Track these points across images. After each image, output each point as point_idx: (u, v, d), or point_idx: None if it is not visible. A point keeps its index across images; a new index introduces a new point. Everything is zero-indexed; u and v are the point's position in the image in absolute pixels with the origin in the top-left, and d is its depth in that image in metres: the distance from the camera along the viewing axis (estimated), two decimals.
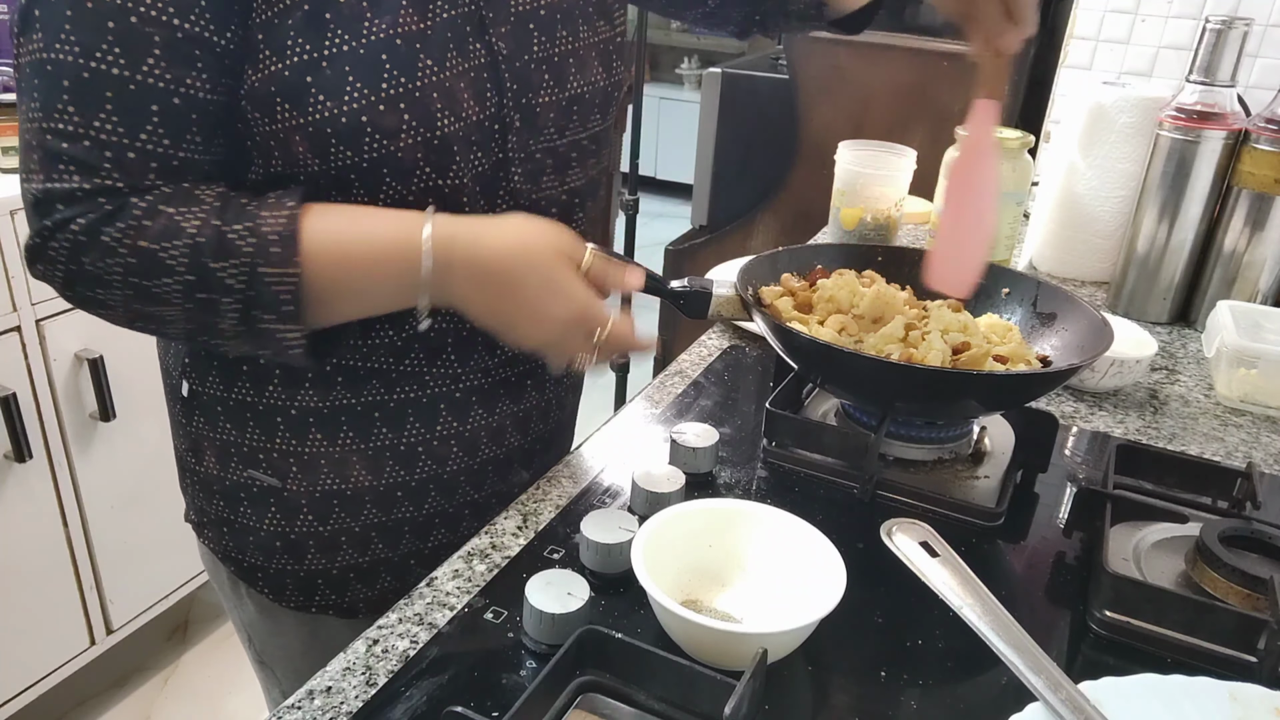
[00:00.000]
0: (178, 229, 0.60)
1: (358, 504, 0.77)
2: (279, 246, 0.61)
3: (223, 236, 0.60)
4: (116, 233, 0.60)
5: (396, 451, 0.76)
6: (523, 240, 0.66)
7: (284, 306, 0.62)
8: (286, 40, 0.62)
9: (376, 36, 0.63)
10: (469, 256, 0.65)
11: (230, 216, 0.61)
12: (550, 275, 0.66)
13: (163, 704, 1.88)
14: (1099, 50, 1.53)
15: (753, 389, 0.95)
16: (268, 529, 0.78)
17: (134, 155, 0.60)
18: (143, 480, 1.76)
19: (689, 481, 0.73)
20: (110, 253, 0.60)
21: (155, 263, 0.60)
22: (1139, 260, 1.19)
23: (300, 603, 0.81)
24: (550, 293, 0.66)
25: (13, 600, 1.59)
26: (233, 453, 0.76)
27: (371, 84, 0.63)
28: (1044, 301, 0.86)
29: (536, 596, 0.57)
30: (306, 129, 0.63)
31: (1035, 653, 0.53)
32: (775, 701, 0.55)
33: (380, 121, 0.64)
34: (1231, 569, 0.63)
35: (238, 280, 0.61)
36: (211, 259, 0.60)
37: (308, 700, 0.55)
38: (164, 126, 0.60)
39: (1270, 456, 0.89)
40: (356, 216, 0.66)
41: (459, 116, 0.68)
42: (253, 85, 0.63)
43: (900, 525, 0.63)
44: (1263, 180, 1.10)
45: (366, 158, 0.65)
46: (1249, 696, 0.53)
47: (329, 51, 0.62)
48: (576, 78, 0.76)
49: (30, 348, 1.53)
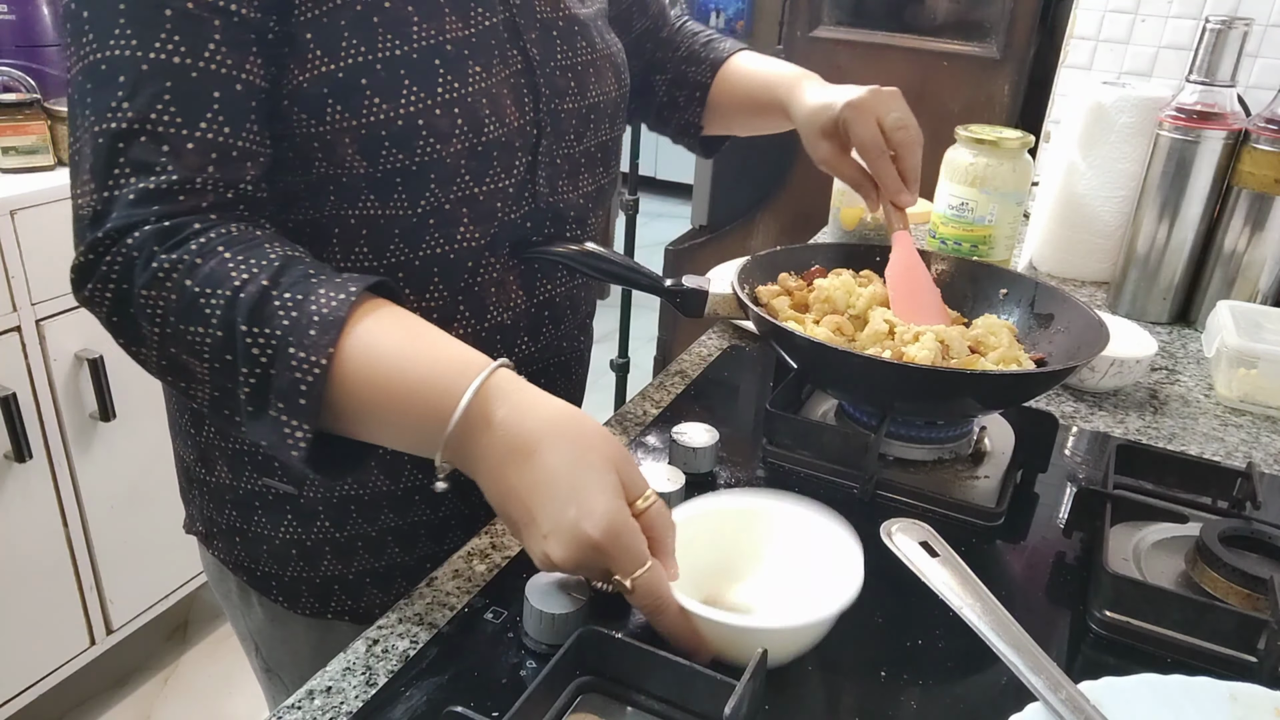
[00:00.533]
0: (225, 277, 0.55)
1: (375, 508, 0.77)
2: (317, 330, 0.53)
3: (267, 300, 0.54)
4: (168, 262, 0.55)
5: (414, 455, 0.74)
6: (581, 431, 0.54)
7: (299, 398, 0.54)
8: (340, 40, 0.61)
9: (428, 42, 0.64)
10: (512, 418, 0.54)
11: (286, 281, 0.55)
12: (590, 477, 0.53)
13: (163, 704, 1.88)
14: (1099, 50, 1.53)
15: (753, 389, 0.95)
16: (283, 536, 0.77)
17: (192, 146, 0.57)
18: (143, 480, 1.76)
19: (689, 481, 0.73)
20: (157, 283, 0.55)
21: (194, 307, 0.55)
22: (1139, 260, 1.19)
23: (315, 609, 0.81)
24: (579, 497, 0.52)
25: (13, 600, 1.59)
26: (246, 461, 0.75)
27: (427, 87, 0.63)
28: (1041, 302, 0.86)
29: (536, 596, 0.57)
30: (359, 130, 0.62)
31: (1035, 653, 0.53)
32: (775, 701, 0.55)
33: (435, 124, 0.64)
34: (1231, 569, 0.63)
35: (263, 353, 0.54)
36: (244, 320, 0.54)
37: (308, 700, 0.55)
38: (224, 113, 0.58)
39: (1270, 456, 0.89)
40: (416, 331, 0.57)
41: (503, 122, 0.68)
42: (300, 85, 0.61)
43: (900, 525, 0.63)
44: (1263, 180, 1.10)
45: (416, 161, 0.65)
46: (1249, 696, 0.53)
47: (383, 54, 0.62)
48: (595, 86, 0.78)
49: (30, 348, 1.53)
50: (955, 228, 1.27)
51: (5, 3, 1.71)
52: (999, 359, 0.76)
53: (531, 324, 0.79)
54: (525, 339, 0.79)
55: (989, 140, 1.22)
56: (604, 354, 2.88)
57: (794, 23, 2.38)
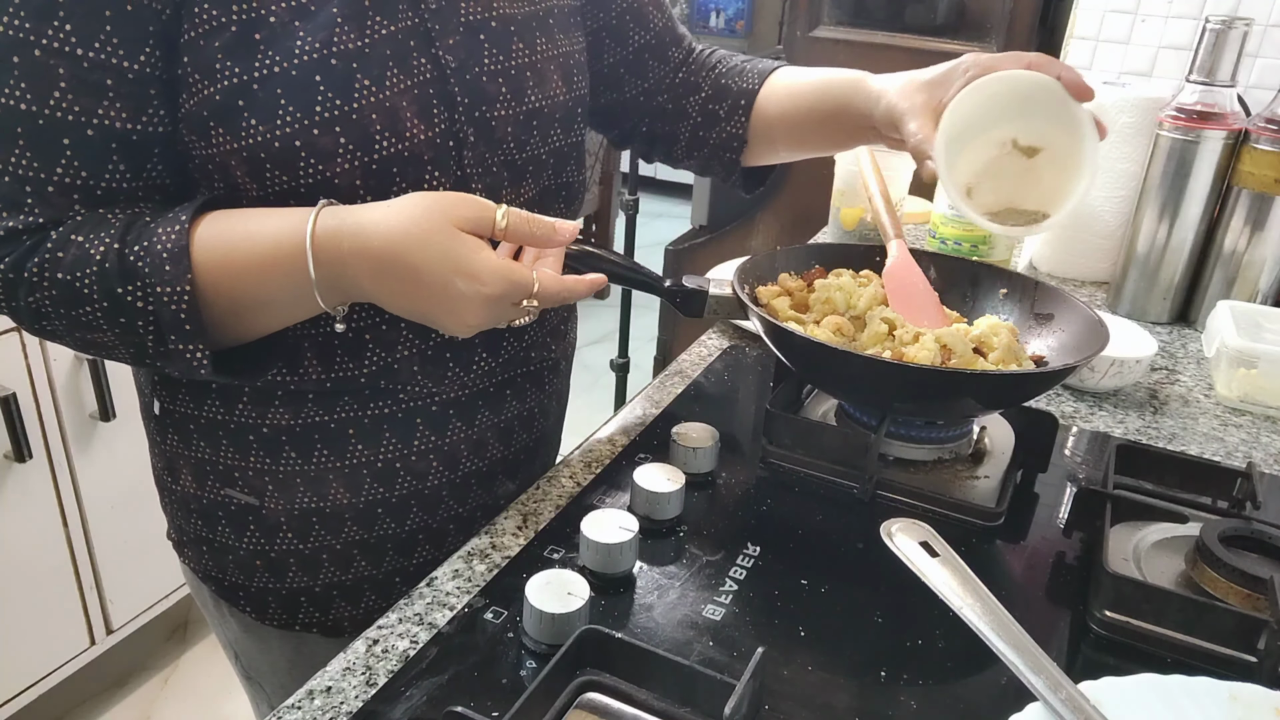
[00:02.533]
0: (86, 256, 0.59)
1: (338, 521, 0.75)
2: (171, 264, 0.59)
3: (124, 259, 0.59)
4: (36, 268, 0.59)
5: (374, 468, 0.74)
6: (415, 220, 0.59)
7: (184, 325, 0.60)
8: (214, 63, 0.60)
9: (310, 56, 0.61)
10: (357, 247, 0.59)
11: (131, 237, 0.60)
12: (451, 253, 0.59)
13: (163, 704, 1.88)
14: (1099, 50, 1.53)
15: (753, 389, 0.95)
16: (248, 547, 0.76)
17: (53, 189, 0.59)
18: (143, 480, 1.75)
19: (689, 481, 0.73)
20: (36, 288, 0.60)
21: (74, 293, 0.60)
22: (1139, 260, 1.19)
23: (284, 621, 0.80)
24: (457, 273, 0.59)
25: (13, 600, 1.59)
26: (208, 470, 0.75)
27: (304, 106, 0.61)
28: (1041, 302, 0.86)
29: (536, 596, 0.57)
30: (240, 153, 0.61)
31: (1035, 653, 0.53)
32: (775, 701, 0.55)
33: (314, 144, 0.62)
34: (1231, 569, 0.63)
35: (144, 301, 0.60)
36: (118, 283, 0.59)
37: (308, 700, 0.55)
38: (79, 159, 0.59)
39: (1270, 456, 0.89)
40: (245, 221, 0.62)
41: (401, 137, 0.65)
42: (189, 109, 0.61)
43: (900, 525, 0.63)
44: (1263, 180, 1.10)
45: (303, 182, 0.63)
46: (1249, 696, 0.53)
47: (260, 73, 0.60)
48: (535, 91, 0.73)
49: (30, 348, 1.53)
50: (955, 228, 1.27)
51: None
52: (999, 359, 0.76)
53: (487, 337, 0.75)
54: (483, 355, 0.76)
55: None
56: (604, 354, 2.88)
57: (794, 23, 2.38)
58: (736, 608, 0.62)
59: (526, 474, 0.84)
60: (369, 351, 0.70)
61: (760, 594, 0.64)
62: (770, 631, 0.61)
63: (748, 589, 0.64)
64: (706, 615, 0.62)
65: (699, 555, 0.68)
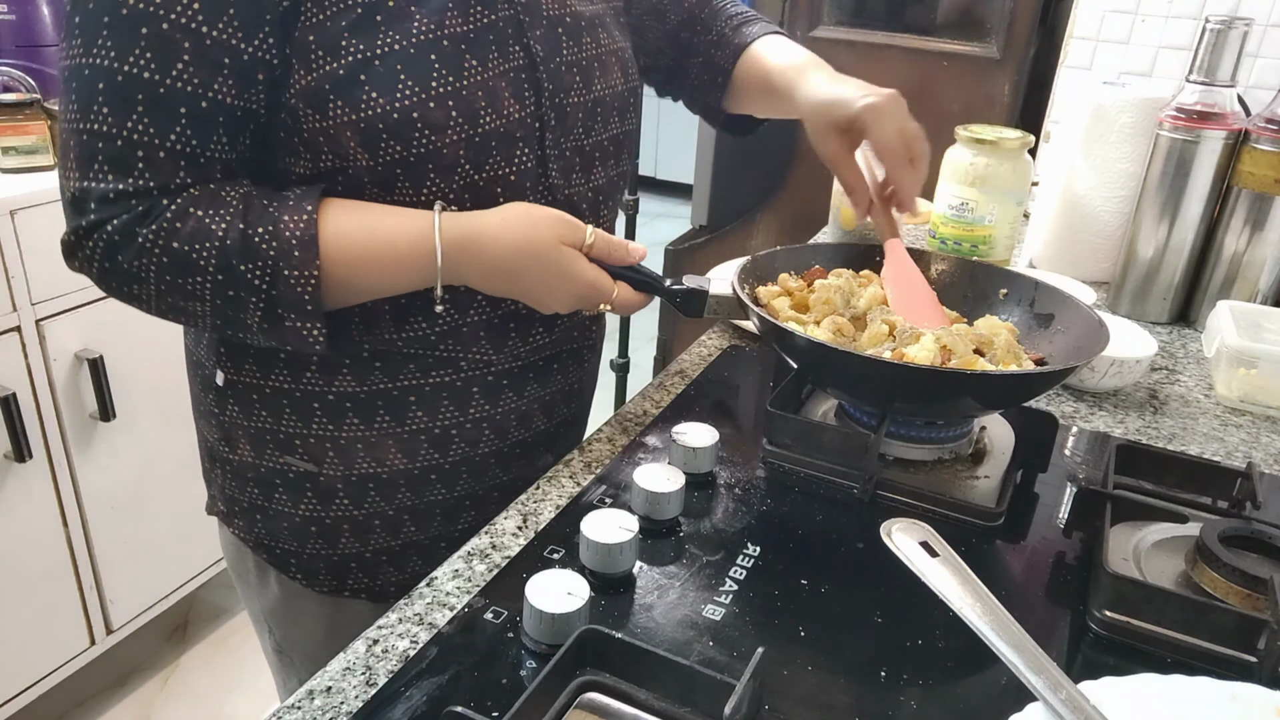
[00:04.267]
0: (207, 231, 0.64)
1: (392, 487, 0.80)
2: (300, 250, 0.65)
3: (247, 239, 0.65)
4: (150, 234, 0.64)
5: (431, 434, 0.79)
6: (526, 235, 0.70)
7: (306, 305, 0.67)
8: (340, 40, 0.65)
9: (425, 37, 0.67)
10: (476, 255, 0.70)
11: (253, 218, 0.65)
12: (554, 264, 0.71)
13: (163, 704, 1.89)
14: (1099, 50, 1.53)
15: (753, 389, 0.95)
16: (303, 514, 0.81)
17: (164, 155, 0.64)
18: (143, 480, 1.76)
19: (689, 481, 0.73)
20: (145, 253, 0.64)
21: (187, 263, 0.65)
22: (1139, 260, 1.19)
23: (333, 587, 0.84)
24: (556, 278, 0.72)
25: (13, 600, 1.59)
26: (268, 439, 0.79)
27: (422, 81, 0.67)
28: (1041, 302, 0.86)
29: (536, 596, 0.57)
30: (359, 124, 0.66)
31: (1035, 653, 0.53)
32: (775, 701, 0.55)
33: (429, 117, 0.67)
34: (1231, 569, 0.63)
35: (262, 280, 0.65)
36: (239, 260, 0.65)
37: (308, 700, 0.55)
38: (191, 128, 0.64)
39: (1270, 456, 0.89)
40: (373, 218, 0.69)
41: (500, 114, 0.71)
42: (307, 84, 0.66)
43: (900, 525, 0.63)
44: (1263, 180, 1.10)
45: (414, 152, 0.68)
46: (1249, 696, 0.53)
47: (381, 50, 0.66)
48: (600, 81, 0.80)
49: (30, 348, 1.53)
50: (955, 228, 1.27)
51: (5, 2, 1.71)
52: (998, 359, 0.76)
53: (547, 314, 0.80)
54: (540, 329, 0.82)
55: (989, 140, 1.22)
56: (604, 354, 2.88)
57: (794, 23, 2.38)
58: (736, 608, 0.62)
59: (562, 447, 0.89)
60: (445, 311, 0.76)
61: (760, 594, 0.64)
62: (770, 631, 0.61)
63: (748, 589, 0.64)
64: (706, 615, 0.62)
65: (699, 555, 0.68)
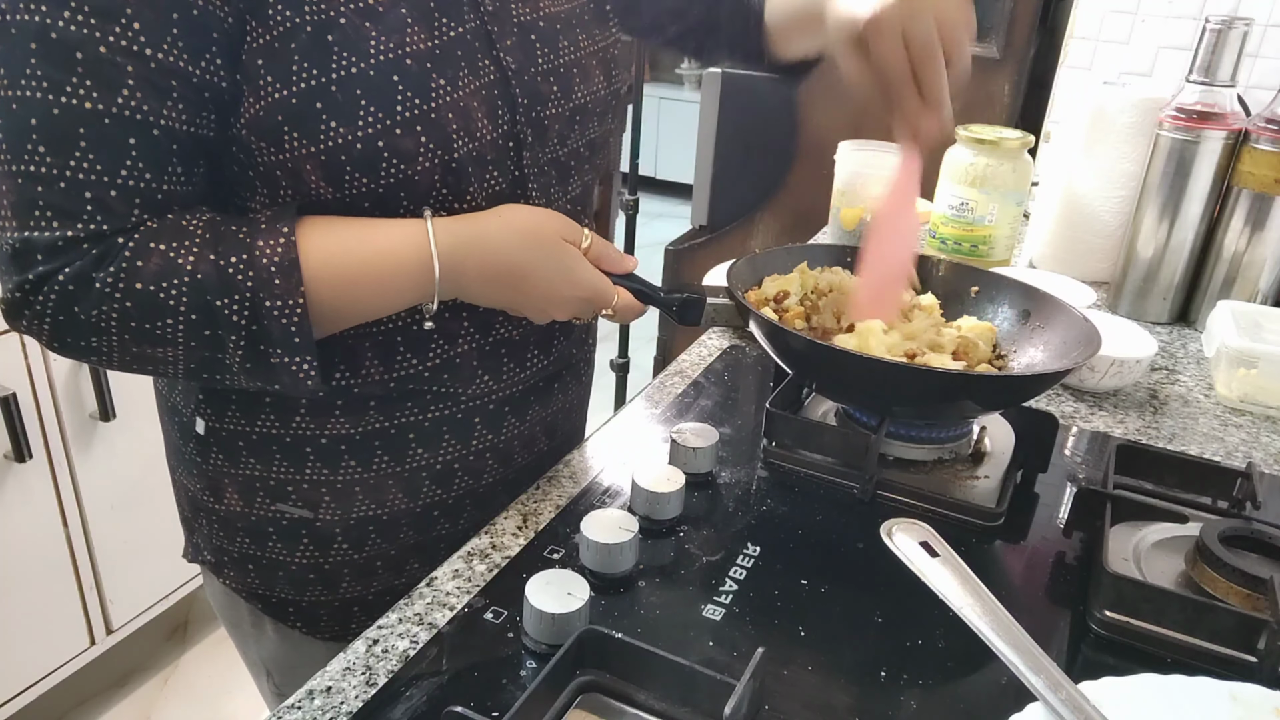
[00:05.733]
0: (174, 267, 0.57)
1: (394, 527, 0.76)
2: (280, 277, 0.59)
3: (221, 271, 0.58)
4: (109, 278, 0.57)
5: (433, 471, 0.75)
6: (529, 230, 0.67)
7: (294, 338, 0.60)
8: (290, 65, 0.59)
9: (385, 57, 0.61)
10: (480, 259, 0.66)
11: (225, 248, 0.58)
12: (561, 261, 0.68)
13: (163, 704, 1.89)
14: (1099, 50, 1.53)
15: (753, 389, 0.95)
16: (300, 561, 0.76)
17: (116, 193, 0.57)
18: (143, 480, 1.76)
19: (689, 481, 0.73)
20: (105, 299, 0.57)
21: (155, 305, 0.57)
22: (1139, 260, 1.19)
23: (335, 632, 0.80)
24: (562, 277, 0.69)
25: (13, 600, 1.59)
26: (258, 487, 0.74)
27: (385, 107, 0.61)
28: (1036, 304, 0.86)
29: (536, 596, 0.57)
30: (318, 156, 0.61)
31: (1035, 653, 0.53)
32: (775, 702, 0.55)
33: (397, 145, 0.62)
34: (1231, 569, 0.63)
35: (241, 315, 0.58)
36: (214, 295, 0.58)
37: (308, 700, 0.55)
38: (144, 160, 0.57)
39: (1270, 456, 0.89)
40: (356, 233, 0.63)
41: (474, 136, 0.66)
42: (256, 114, 0.60)
43: (900, 525, 0.63)
44: (1263, 180, 1.10)
45: (383, 183, 0.63)
46: (1249, 696, 0.53)
47: (337, 75, 0.59)
48: (581, 87, 0.75)
49: (30, 348, 1.53)
50: (955, 228, 1.27)
51: None
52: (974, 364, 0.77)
53: (541, 337, 0.78)
54: (535, 353, 0.78)
55: (989, 140, 1.22)
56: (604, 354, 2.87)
57: None
58: (736, 608, 0.62)
59: None
60: (433, 344, 0.71)
61: (760, 594, 0.64)
62: (770, 631, 0.61)
63: (748, 589, 0.64)
64: (706, 615, 0.62)
65: (699, 555, 0.68)
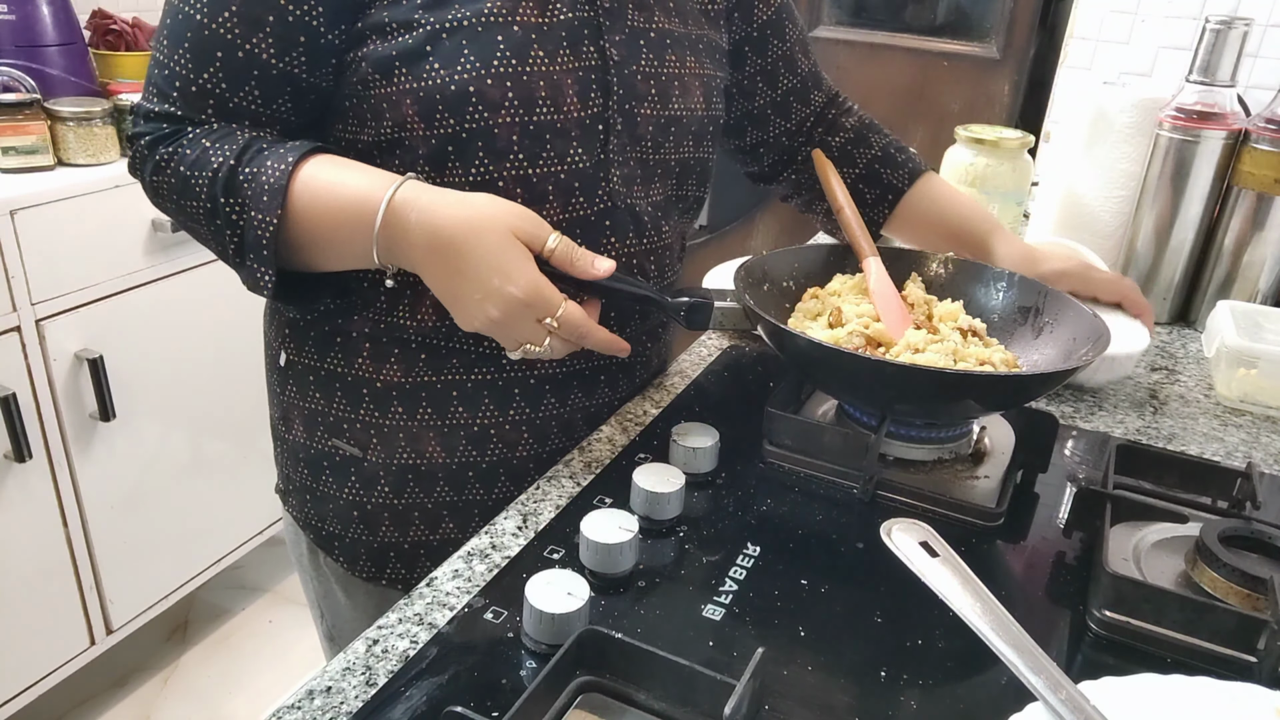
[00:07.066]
0: (207, 161, 0.69)
1: (431, 480, 0.82)
2: (268, 196, 0.68)
3: (233, 175, 0.69)
4: (166, 153, 0.70)
5: (470, 431, 0.80)
6: (479, 214, 0.67)
7: (262, 250, 0.69)
8: (414, 15, 0.69)
9: (494, 19, 0.70)
10: (423, 220, 0.67)
11: (246, 158, 0.69)
12: (499, 252, 0.66)
13: (163, 704, 1.89)
14: (1099, 50, 1.53)
15: (753, 389, 0.95)
16: (346, 498, 0.83)
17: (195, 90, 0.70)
18: (143, 480, 1.76)
19: (689, 481, 0.73)
20: (159, 170, 0.71)
21: (186, 186, 0.70)
22: (1139, 260, 1.19)
23: (372, 574, 0.86)
24: (496, 270, 0.66)
25: (13, 600, 1.59)
26: (319, 421, 0.82)
27: (483, 58, 0.69)
28: (1044, 302, 0.86)
29: (536, 596, 0.57)
30: (418, 92, 0.69)
31: (1035, 653, 0.53)
32: (775, 702, 0.55)
33: (485, 94, 0.69)
34: (1231, 569, 0.63)
35: (238, 216, 0.69)
36: (222, 193, 0.69)
37: (308, 700, 0.55)
38: (260, 89, 0.70)
39: (1270, 456, 0.89)
40: (341, 171, 0.70)
41: (559, 109, 0.72)
42: (375, 50, 0.70)
43: (900, 525, 0.63)
44: (1263, 180, 1.10)
45: (466, 128, 0.70)
46: (1249, 696, 0.53)
47: (450, 24, 0.69)
48: (679, 101, 0.80)
49: (30, 348, 1.53)
50: None
51: (5, 3, 1.70)
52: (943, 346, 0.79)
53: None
54: None
55: (989, 140, 1.22)
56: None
57: None
58: (736, 608, 0.62)
59: None
60: None
61: (760, 594, 0.64)
62: (770, 631, 0.61)
63: (748, 589, 0.64)
64: (706, 615, 0.62)
65: (699, 555, 0.68)
